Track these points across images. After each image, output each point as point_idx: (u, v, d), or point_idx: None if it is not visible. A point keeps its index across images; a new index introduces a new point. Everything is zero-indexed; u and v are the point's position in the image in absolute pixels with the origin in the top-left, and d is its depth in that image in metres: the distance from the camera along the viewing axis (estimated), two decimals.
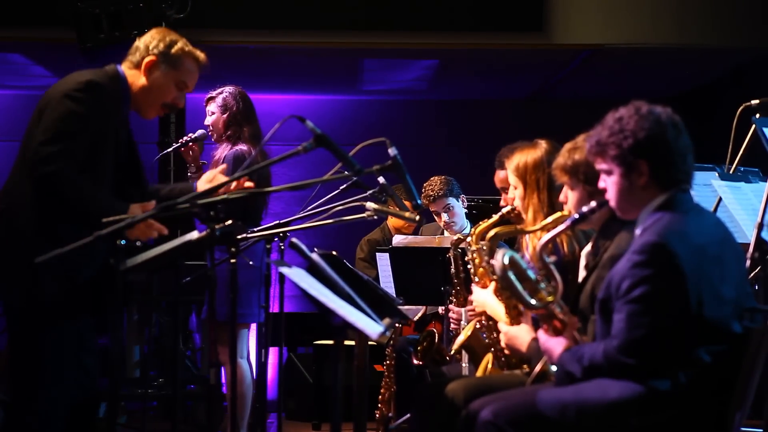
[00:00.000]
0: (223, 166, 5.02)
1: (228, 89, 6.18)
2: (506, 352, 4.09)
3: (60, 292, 4.18)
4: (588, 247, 3.99)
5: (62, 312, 4.21)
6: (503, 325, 4.06)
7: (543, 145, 4.51)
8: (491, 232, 4.35)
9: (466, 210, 6.89)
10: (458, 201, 6.81)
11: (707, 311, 3.29)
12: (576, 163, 3.86)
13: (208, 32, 8.33)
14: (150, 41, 4.52)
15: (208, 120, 6.18)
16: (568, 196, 3.95)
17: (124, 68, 4.50)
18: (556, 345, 3.60)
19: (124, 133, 4.48)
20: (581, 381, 3.42)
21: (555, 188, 4.38)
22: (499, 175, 5.33)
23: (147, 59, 4.47)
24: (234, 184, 4.49)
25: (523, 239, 4.57)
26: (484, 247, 4.44)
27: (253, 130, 6.12)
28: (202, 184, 4.70)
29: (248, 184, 4.62)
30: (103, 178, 4.30)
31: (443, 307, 5.73)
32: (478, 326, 4.58)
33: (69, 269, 4.15)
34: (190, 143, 6.09)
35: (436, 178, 6.86)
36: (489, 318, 4.47)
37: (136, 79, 4.48)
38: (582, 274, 3.96)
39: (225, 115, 6.12)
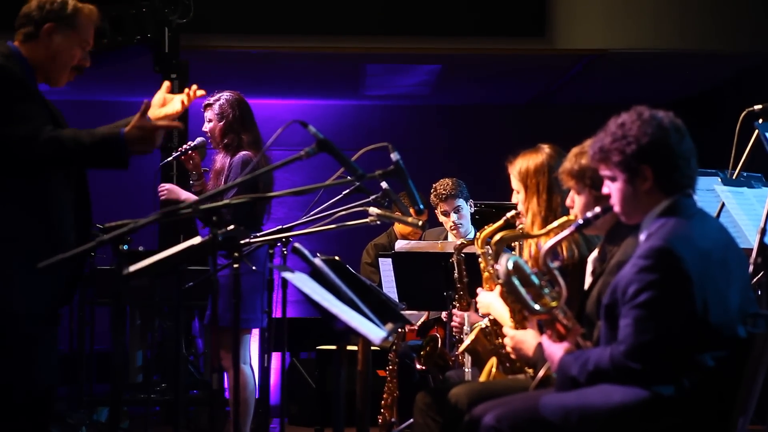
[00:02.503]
0: (167, 84, 4.81)
1: (225, 96, 6.10)
2: (512, 356, 4.08)
3: (31, 296, 4.10)
4: (595, 253, 3.98)
5: (36, 316, 4.13)
6: (509, 330, 4.05)
7: (545, 149, 4.51)
8: (497, 236, 4.35)
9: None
10: (467, 204, 6.82)
11: (713, 316, 3.28)
12: (582, 168, 3.85)
13: (210, 37, 8.35)
14: (40, 6, 4.23)
15: (206, 126, 6.13)
16: (575, 201, 3.95)
17: (17, 44, 4.24)
18: (557, 350, 3.60)
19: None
20: (584, 385, 3.42)
21: (555, 192, 4.39)
22: None
23: (45, 26, 4.21)
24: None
25: (524, 243, 4.56)
26: (490, 252, 4.43)
27: (252, 137, 6.06)
28: (155, 110, 4.46)
29: (200, 92, 4.51)
30: None
31: (446, 312, 5.72)
32: (484, 326, 4.57)
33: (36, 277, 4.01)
34: (190, 151, 6.04)
35: (448, 179, 6.87)
36: (494, 322, 4.46)
37: (35, 50, 4.22)
38: (588, 280, 3.95)
39: (221, 123, 6.06)
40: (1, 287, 4.08)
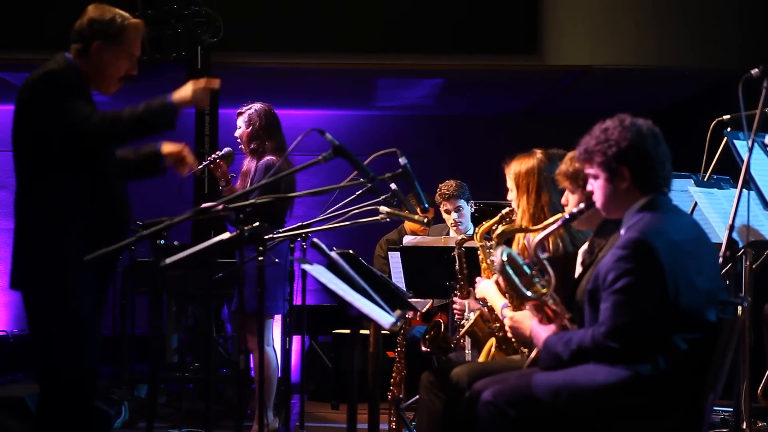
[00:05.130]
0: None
1: (255, 106, 6.16)
2: (510, 335, 4.07)
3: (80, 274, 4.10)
4: (585, 246, 3.99)
5: (86, 290, 4.14)
6: (508, 311, 4.06)
7: (538, 154, 4.52)
8: (498, 230, 4.35)
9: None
10: (467, 204, 6.79)
11: (683, 301, 3.29)
12: (576, 170, 3.87)
13: (238, 54, 8.34)
14: (90, 24, 4.23)
15: (237, 132, 6.19)
16: (569, 199, 3.96)
17: (72, 56, 4.24)
18: (543, 332, 3.61)
19: None
20: (567, 363, 3.42)
21: (543, 192, 4.40)
22: None
23: (94, 44, 4.20)
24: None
25: (514, 237, 4.56)
26: (488, 245, 4.44)
27: (277, 144, 6.10)
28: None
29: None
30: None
31: (449, 300, 5.71)
32: (485, 309, 4.57)
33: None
34: (218, 160, 6.06)
35: (452, 180, 6.82)
36: (491, 309, 4.46)
37: (87, 65, 4.22)
38: (579, 270, 3.95)
39: (248, 130, 6.11)
40: (61, 280, 4.09)
